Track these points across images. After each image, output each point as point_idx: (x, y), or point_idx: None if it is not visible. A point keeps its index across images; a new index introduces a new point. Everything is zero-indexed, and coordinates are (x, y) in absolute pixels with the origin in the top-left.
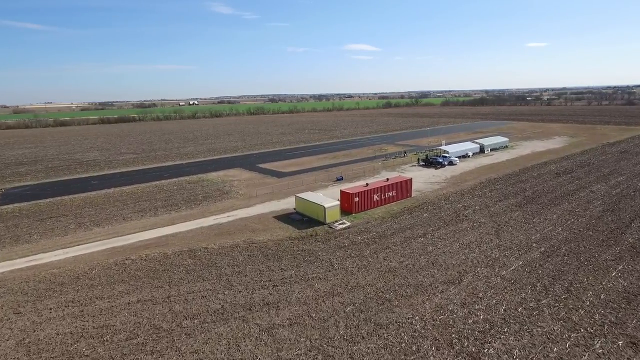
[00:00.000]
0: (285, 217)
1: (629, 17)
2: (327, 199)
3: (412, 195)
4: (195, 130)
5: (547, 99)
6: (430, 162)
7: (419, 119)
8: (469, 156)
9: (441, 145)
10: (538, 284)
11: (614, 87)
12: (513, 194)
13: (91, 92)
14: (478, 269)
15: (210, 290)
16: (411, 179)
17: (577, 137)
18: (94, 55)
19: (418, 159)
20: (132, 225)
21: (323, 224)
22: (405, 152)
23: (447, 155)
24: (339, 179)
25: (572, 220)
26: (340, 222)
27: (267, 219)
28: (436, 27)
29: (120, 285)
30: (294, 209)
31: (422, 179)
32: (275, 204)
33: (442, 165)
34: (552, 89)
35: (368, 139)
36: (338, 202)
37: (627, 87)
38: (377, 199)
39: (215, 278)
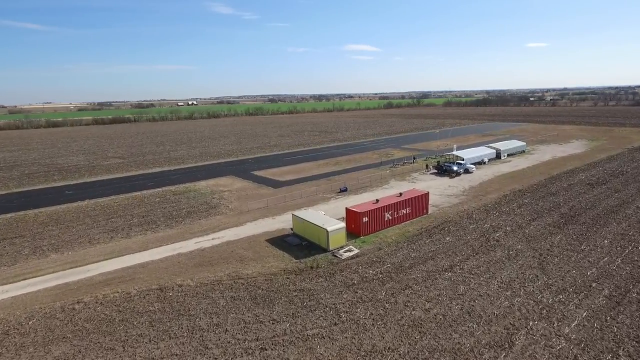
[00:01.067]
0: (281, 241)
1: (629, 17)
2: (331, 219)
3: (429, 212)
4: (190, 132)
5: (551, 99)
6: (444, 170)
7: (423, 120)
8: (484, 162)
9: (453, 149)
10: (620, 352)
11: (616, 87)
12: (547, 211)
13: (91, 92)
14: (530, 322)
15: (177, 355)
16: (428, 193)
17: (596, 141)
18: (94, 56)
19: (427, 165)
20: (98, 250)
21: (326, 250)
22: (414, 158)
23: (462, 162)
24: (343, 190)
25: (630, 247)
26: (347, 248)
27: (259, 242)
28: (436, 28)
29: (60, 345)
30: (291, 229)
31: (437, 191)
32: (270, 223)
33: (457, 174)
34: (553, 90)
35: (372, 142)
36: (343, 225)
37: (629, 87)
38: (390, 217)
39: (185, 334)
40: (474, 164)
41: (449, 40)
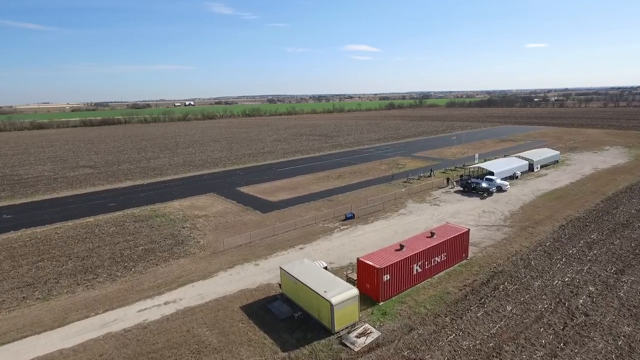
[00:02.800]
0: (263, 310)
1: (629, 18)
2: (335, 281)
3: (469, 256)
4: (178, 136)
5: (556, 100)
6: (472, 187)
7: (430, 122)
8: (517, 177)
9: (474, 159)
10: None
11: (618, 88)
12: (632, 255)
13: (90, 92)
14: None
15: None
16: (468, 231)
17: (636, 148)
18: (93, 56)
19: (448, 180)
20: None
21: (329, 332)
22: (431, 171)
23: (492, 177)
24: (349, 217)
25: None
26: (361, 329)
27: (231, 312)
28: (436, 28)
29: None
30: (279, 285)
31: (471, 219)
32: (250, 273)
33: (490, 193)
34: (554, 90)
35: (377, 148)
36: (355, 292)
37: (632, 88)
38: (419, 270)
39: None
40: (505, 178)
41: (449, 41)
